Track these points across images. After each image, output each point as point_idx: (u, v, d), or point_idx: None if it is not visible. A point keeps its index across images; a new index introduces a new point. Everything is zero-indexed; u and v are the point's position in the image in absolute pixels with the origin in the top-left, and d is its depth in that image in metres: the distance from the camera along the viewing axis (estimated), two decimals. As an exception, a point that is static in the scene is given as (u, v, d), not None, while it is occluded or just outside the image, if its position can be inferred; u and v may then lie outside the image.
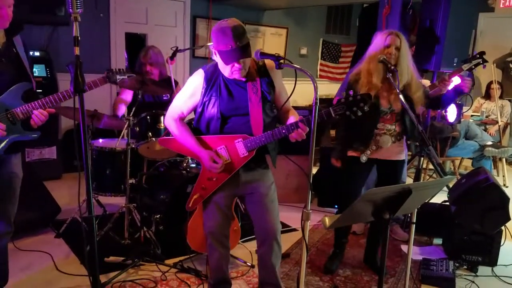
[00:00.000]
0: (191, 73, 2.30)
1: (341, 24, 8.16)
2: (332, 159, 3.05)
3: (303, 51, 7.86)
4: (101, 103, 5.31)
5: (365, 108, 2.00)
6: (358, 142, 2.90)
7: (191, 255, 3.09)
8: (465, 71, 3.13)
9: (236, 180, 2.31)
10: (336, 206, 4.26)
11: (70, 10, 1.67)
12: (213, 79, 2.22)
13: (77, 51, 1.67)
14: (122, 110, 3.75)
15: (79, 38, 1.69)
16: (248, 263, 3.16)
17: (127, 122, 3.16)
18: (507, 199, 3.26)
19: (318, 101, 1.81)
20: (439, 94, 3.05)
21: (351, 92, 2.00)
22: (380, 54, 2.71)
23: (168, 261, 3.10)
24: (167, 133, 2.90)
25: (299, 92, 3.03)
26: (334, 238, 3.28)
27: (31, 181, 3.70)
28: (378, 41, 2.79)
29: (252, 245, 3.27)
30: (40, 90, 4.85)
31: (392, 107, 2.84)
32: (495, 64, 6.14)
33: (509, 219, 3.28)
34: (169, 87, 3.77)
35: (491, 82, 6.43)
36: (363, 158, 2.88)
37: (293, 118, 2.21)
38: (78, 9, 1.67)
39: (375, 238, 3.21)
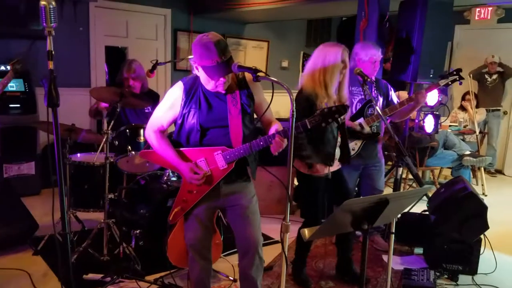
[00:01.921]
0: (172, 86, 2.31)
1: (321, 37, 8.25)
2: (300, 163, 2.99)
3: (284, 63, 7.92)
4: (80, 117, 5.25)
5: (341, 119, 2.02)
6: (325, 156, 2.87)
7: (172, 271, 3.05)
8: (442, 86, 3.21)
9: (216, 192, 2.30)
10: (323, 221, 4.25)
11: (44, 24, 1.65)
12: (192, 91, 2.22)
13: (51, 65, 1.65)
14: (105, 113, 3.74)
15: (59, 52, 1.67)
16: (230, 277, 3.14)
17: (106, 136, 3.13)
18: (485, 207, 3.31)
19: (294, 113, 1.82)
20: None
21: (326, 104, 2.02)
22: (337, 69, 2.72)
23: (148, 277, 3.06)
24: (148, 146, 2.89)
25: (281, 104, 3.05)
26: (297, 254, 3.23)
27: (8, 198, 3.64)
28: (333, 55, 2.75)
29: (235, 259, 3.22)
30: (18, 105, 4.80)
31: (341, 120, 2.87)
32: (471, 76, 6.28)
33: (487, 227, 3.32)
34: (150, 99, 3.75)
35: (465, 94, 6.57)
36: (330, 175, 2.90)
37: (274, 129, 2.22)
38: (52, 24, 1.66)
39: (343, 248, 3.22)
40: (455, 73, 3.17)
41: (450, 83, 3.18)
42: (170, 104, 2.27)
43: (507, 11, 6.14)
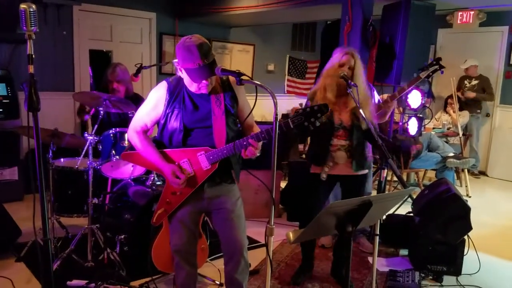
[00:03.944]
0: (156, 86, 2.30)
1: (306, 41, 8.32)
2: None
3: (270, 67, 7.95)
4: (64, 122, 5.21)
5: (323, 118, 2.02)
6: (316, 158, 2.94)
7: (157, 276, 3.03)
8: (423, 78, 3.18)
9: (200, 195, 2.29)
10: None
11: (24, 28, 1.63)
12: (176, 92, 2.22)
13: (31, 69, 1.63)
14: (86, 116, 3.70)
15: (42, 56, 1.66)
16: (216, 282, 3.12)
17: (89, 141, 3.10)
18: (468, 209, 3.35)
19: (278, 116, 1.83)
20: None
21: (308, 103, 2.02)
22: (334, 72, 2.80)
23: (133, 283, 3.03)
24: (130, 147, 2.86)
25: (267, 107, 3.06)
26: (301, 253, 3.29)
27: (-11, 204, 3.58)
28: (334, 59, 2.88)
29: (221, 263, 3.21)
30: (0, 110, 4.73)
31: (342, 123, 2.89)
32: (454, 78, 6.36)
33: (471, 228, 3.36)
34: (135, 104, 3.73)
35: (448, 97, 6.65)
36: (323, 176, 2.92)
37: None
38: (33, 27, 1.63)
39: (341, 251, 3.23)
40: (434, 62, 3.13)
41: (431, 73, 3.15)
42: (153, 104, 2.26)
43: (488, 15, 6.24)
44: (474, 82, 6.74)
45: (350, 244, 1.94)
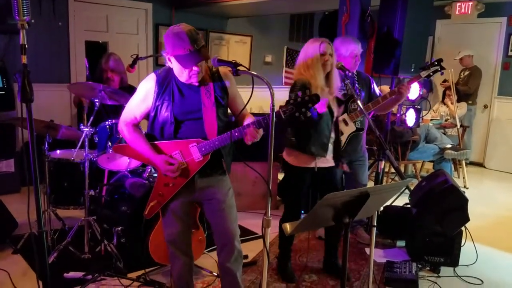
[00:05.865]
0: (145, 78, 2.28)
1: (304, 32, 8.27)
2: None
3: (268, 58, 7.91)
4: (59, 114, 5.18)
5: (314, 108, 2.01)
6: (317, 147, 2.90)
7: (154, 268, 3.03)
8: (423, 78, 3.21)
9: (192, 186, 2.29)
10: (302, 212, 4.26)
11: (17, 17, 1.60)
12: (165, 83, 2.21)
13: (24, 59, 1.61)
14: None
15: (37, 47, 1.63)
16: (214, 273, 3.12)
17: (85, 132, 3.08)
18: (466, 200, 3.35)
19: (274, 107, 1.81)
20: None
21: (299, 93, 2.00)
22: (317, 61, 2.81)
23: (130, 275, 3.02)
24: (123, 140, 2.85)
25: (264, 99, 3.04)
26: (279, 246, 3.24)
27: (-15, 196, 3.56)
28: (312, 49, 2.87)
29: (218, 254, 3.23)
30: (-4, 101, 4.71)
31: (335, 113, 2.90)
32: (452, 70, 6.34)
33: (468, 220, 3.36)
34: (130, 94, 3.71)
35: (446, 89, 6.63)
36: (316, 168, 2.91)
37: (248, 120, 2.23)
38: (25, 16, 1.61)
39: (331, 242, 3.24)
40: (436, 63, 3.17)
41: (431, 73, 3.18)
42: (142, 96, 2.25)
43: (487, 5, 6.21)
44: (466, 73, 6.73)
45: (347, 235, 1.93)
